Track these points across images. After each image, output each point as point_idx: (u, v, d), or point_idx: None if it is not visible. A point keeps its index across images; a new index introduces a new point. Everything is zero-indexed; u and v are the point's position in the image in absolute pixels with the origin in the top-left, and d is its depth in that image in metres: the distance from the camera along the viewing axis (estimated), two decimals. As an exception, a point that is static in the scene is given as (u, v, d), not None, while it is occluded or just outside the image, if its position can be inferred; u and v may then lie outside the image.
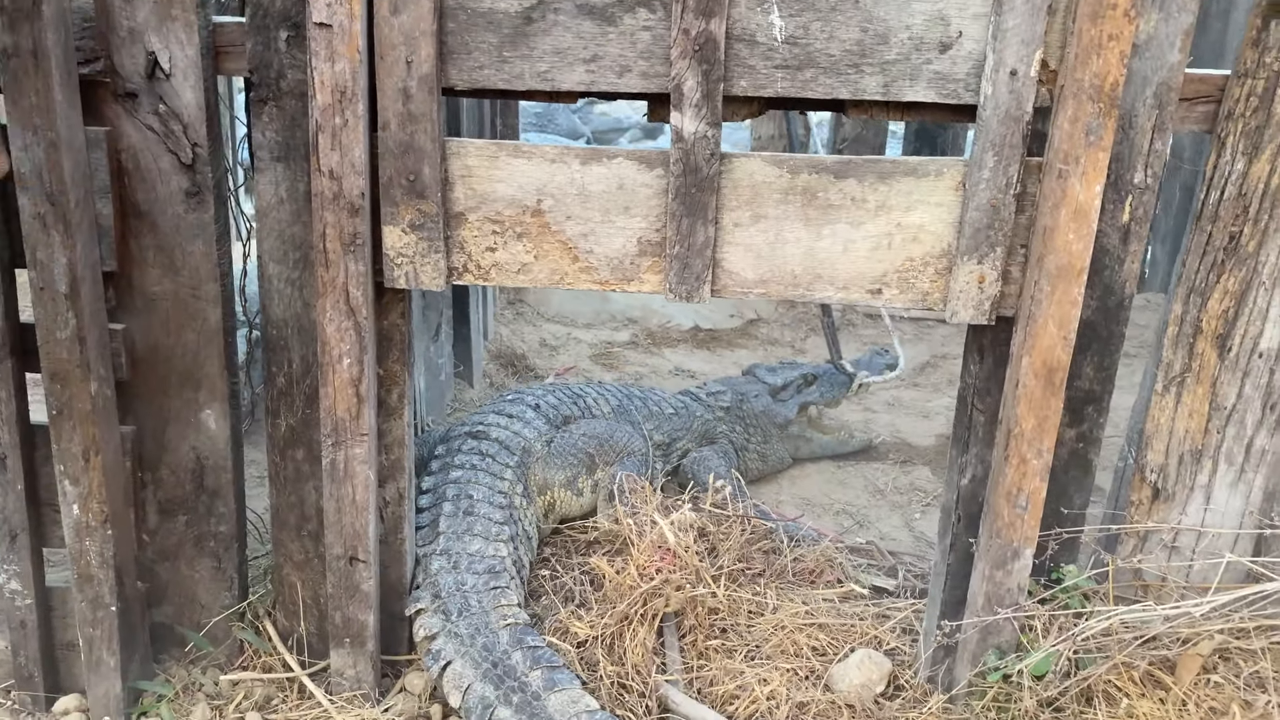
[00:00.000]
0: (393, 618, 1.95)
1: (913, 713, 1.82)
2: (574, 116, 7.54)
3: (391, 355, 1.78)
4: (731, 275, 1.69)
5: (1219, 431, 1.79)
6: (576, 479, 2.44)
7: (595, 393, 2.74)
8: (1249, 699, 1.69)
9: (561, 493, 2.42)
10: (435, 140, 1.59)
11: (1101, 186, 1.53)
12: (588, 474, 2.47)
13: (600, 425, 2.55)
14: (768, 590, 2.15)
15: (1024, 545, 1.71)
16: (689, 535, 2.05)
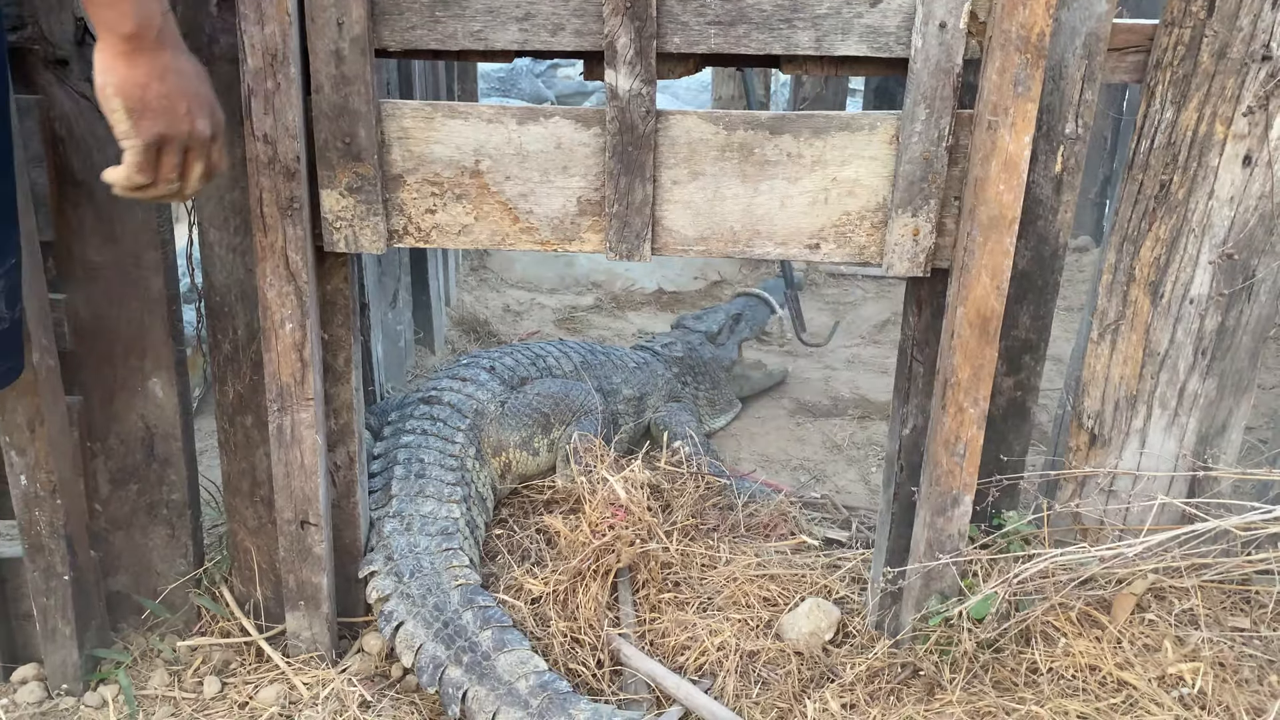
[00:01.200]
0: (349, 581, 1.97)
1: (859, 658, 1.86)
2: (538, 81, 7.48)
3: (336, 320, 1.79)
4: (671, 233, 1.70)
5: (1153, 377, 1.83)
6: (532, 439, 2.46)
7: (558, 351, 2.75)
8: (1181, 635, 1.75)
9: (517, 453, 2.43)
10: (370, 102, 1.59)
11: (1031, 137, 1.55)
12: (543, 433, 2.49)
13: (555, 384, 2.57)
14: (721, 544, 2.19)
15: (963, 492, 1.75)
16: (641, 491, 2.08)
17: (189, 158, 1.22)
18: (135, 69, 1.14)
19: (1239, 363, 1.83)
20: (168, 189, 1.22)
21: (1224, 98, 1.66)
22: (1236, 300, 1.78)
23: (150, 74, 1.14)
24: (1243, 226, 1.73)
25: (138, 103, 1.14)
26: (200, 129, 1.21)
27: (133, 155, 1.17)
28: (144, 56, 1.14)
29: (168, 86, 1.16)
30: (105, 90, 1.13)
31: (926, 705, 1.75)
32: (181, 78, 1.17)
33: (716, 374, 3.18)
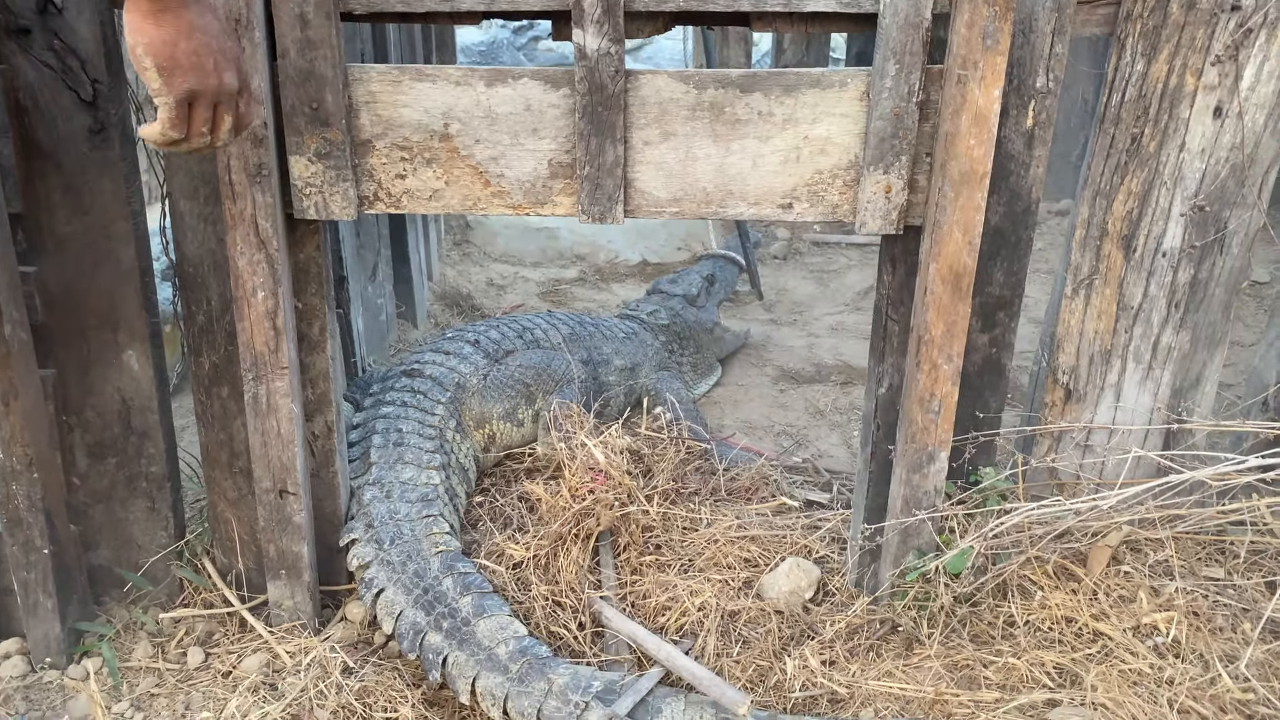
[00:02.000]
0: (330, 550, 1.98)
1: (839, 615, 1.88)
2: (519, 54, 7.43)
3: (310, 289, 1.78)
4: (644, 195, 1.70)
5: (1126, 331, 1.84)
6: (515, 410, 2.46)
7: (545, 323, 2.75)
8: (1156, 586, 1.76)
9: (501, 424, 2.44)
10: (336, 67, 1.58)
11: (1000, 91, 1.55)
12: (527, 405, 2.49)
13: (537, 355, 2.57)
14: (702, 507, 2.19)
15: (938, 449, 1.76)
16: (621, 456, 2.09)
17: (219, 111, 1.25)
18: (163, 28, 1.17)
19: (1212, 315, 1.84)
20: (201, 142, 1.25)
21: (1194, 49, 1.66)
22: (1209, 253, 1.78)
23: (178, 32, 1.18)
24: (1214, 178, 1.73)
25: (168, 60, 1.17)
26: (228, 82, 1.24)
27: (165, 111, 1.20)
28: (169, 15, 1.18)
29: (195, 43, 1.19)
30: (136, 50, 1.16)
31: (905, 660, 1.76)
32: (207, 34, 1.20)
33: (701, 338, 3.21)
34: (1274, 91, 1.68)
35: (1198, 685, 1.61)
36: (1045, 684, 1.67)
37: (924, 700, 1.66)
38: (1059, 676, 1.68)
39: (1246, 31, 1.64)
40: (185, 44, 1.17)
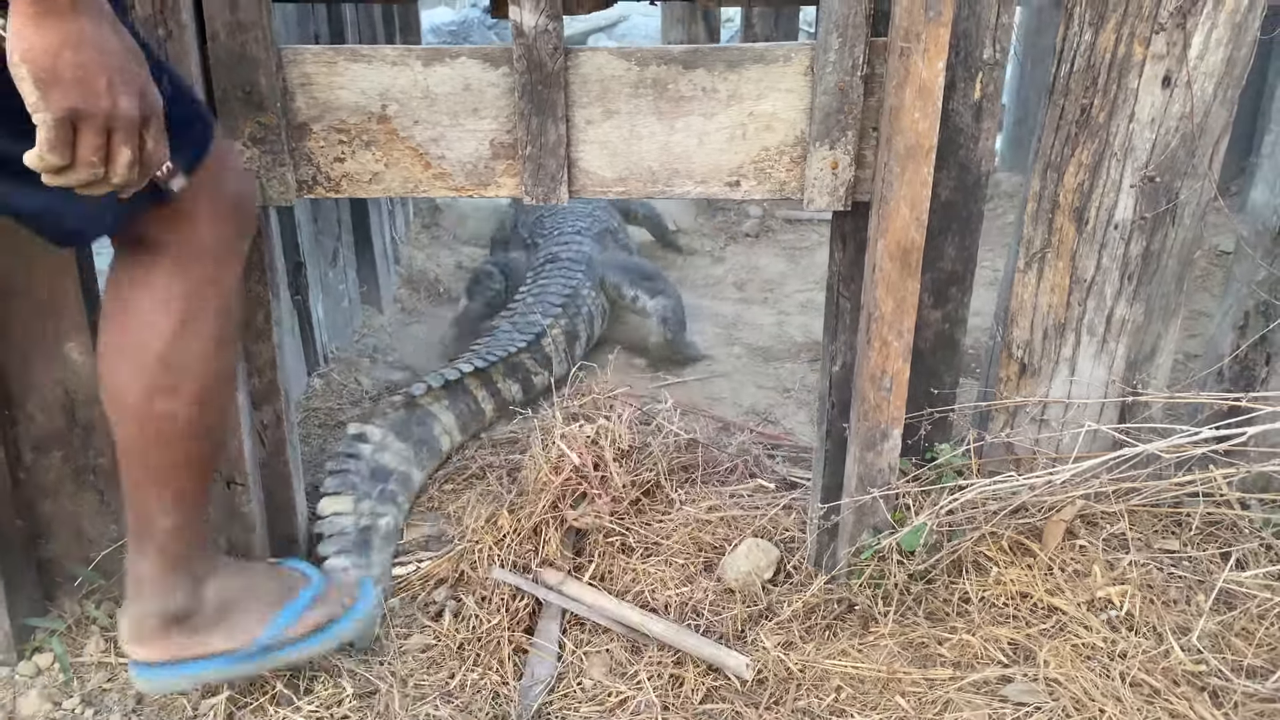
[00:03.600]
0: (285, 540, 1.96)
1: (796, 595, 1.87)
2: (490, 33, 7.36)
3: (253, 277, 1.75)
4: (589, 174, 1.67)
5: (1080, 304, 1.83)
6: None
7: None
8: (1110, 560, 1.76)
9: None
10: (269, 49, 1.55)
11: (944, 63, 1.53)
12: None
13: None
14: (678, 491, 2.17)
15: (891, 426, 1.75)
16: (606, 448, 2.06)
17: (113, 141, 1.11)
18: (44, 34, 1.04)
19: (1165, 286, 1.83)
20: (91, 174, 1.11)
21: (1141, 17, 1.64)
22: (1161, 224, 1.77)
23: (63, 41, 1.04)
24: (1164, 149, 1.72)
25: (47, 72, 1.04)
26: (125, 108, 1.10)
27: (43, 131, 1.07)
28: (54, 20, 1.04)
29: (83, 57, 1.06)
30: (13, 57, 1.04)
31: (861, 638, 1.76)
32: (103, 50, 1.07)
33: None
34: (1223, 60, 1.67)
35: (1150, 658, 1.61)
36: (999, 660, 1.66)
37: (877, 679, 1.65)
38: (1013, 653, 1.68)
39: (1194, -1, 1.63)
40: (70, 55, 1.05)
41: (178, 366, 1.39)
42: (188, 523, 1.54)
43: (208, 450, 1.52)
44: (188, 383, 1.41)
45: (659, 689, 1.70)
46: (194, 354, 1.40)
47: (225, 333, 1.45)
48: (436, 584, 1.97)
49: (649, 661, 1.77)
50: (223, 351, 1.46)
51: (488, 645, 1.80)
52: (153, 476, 1.48)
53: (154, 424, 1.42)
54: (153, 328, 1.38)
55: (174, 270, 1.37)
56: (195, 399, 1.43)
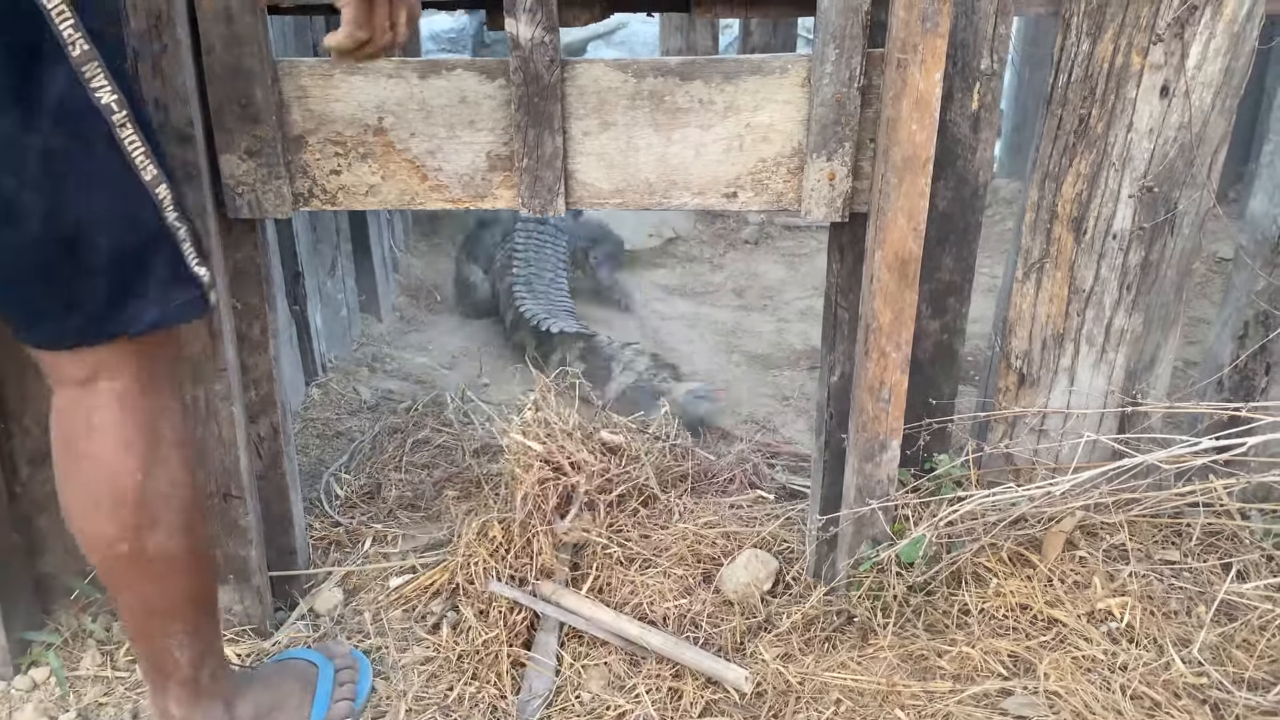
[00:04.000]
0: (282, 552, 1.95)
1: (795, 607, 1.86)
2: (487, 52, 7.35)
3: (249, 289, 1.75)
4: (586, 186, 1.67)
5: (1079, 314, 1.82)
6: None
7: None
8: (1110, 571, 1.75)
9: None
10: (265, 61, 1.54)
11: (941, 74, 1.52)
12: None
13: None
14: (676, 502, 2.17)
15: (890, 437, 1.74)
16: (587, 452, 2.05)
17: (394, 6, 1.24)
18: None
19: (1164, 296, 1.82)
20: (385, 39, 1.24)
21: (1139, 27, 1.64)
22: (1159, 234, 1.77)
23: None
24: (1162, 159, 1.71)
25: None
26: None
27: (350, 10, 1.19)
28: None
29: None
30: None
31: (860, 651, 1.75)
32: None
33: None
34: (1221, 70, 1.66)
35: (1151, 670, 1.60)
36: (999, 673, 1.66)
37: (877, 691, 1.64)
38: (1013, 665, 1.67)
39: (1191, 8, 1.62)
40: None
41: (155, 502, 1.35)
42: (208, 648, 1.50)
43: (208, 572, 1.49)
44: (169, 515, 1.37)
45: (658, 702, 1.69)
46: (167, 484, 1.36)
47: (189, 454, 1.41)
48: (433, 596, 1.96)
49: (647, 674, 1.76)
50: (194, 475, 1.42)
51: (485, 659, 1.79)
52: (162, 617, 1.44)
53: (149, 565, 1.38)
54: (119, 474, 1.33)
55: (125, 409, 1.32)
56: (181, 528, 1.39)
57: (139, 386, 1.33)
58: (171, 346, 1.41)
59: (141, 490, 1.35)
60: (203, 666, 1.51)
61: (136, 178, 1.23)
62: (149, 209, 1.25)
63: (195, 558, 1.44)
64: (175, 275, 1.29)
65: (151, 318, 1.28)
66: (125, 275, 1.25)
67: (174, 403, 1.40)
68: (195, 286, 1.32)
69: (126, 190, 1.23)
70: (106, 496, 1.35)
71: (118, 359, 1.31)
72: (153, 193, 1.24)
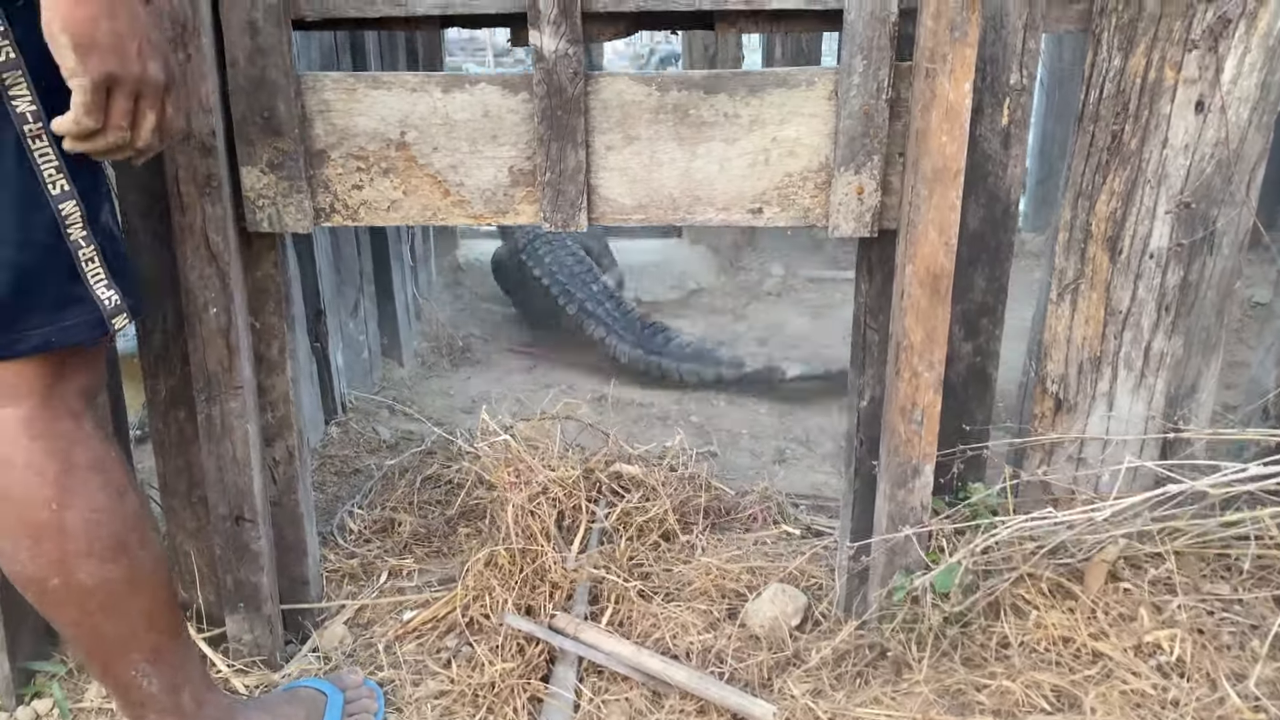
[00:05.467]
0: (295, 582, 1.90)
1: (825, 641, 1.78)
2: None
3: (268, 308, 1.73)
4: (609, 202, 1.64)
5: (1116, 337, 1.77)
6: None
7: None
8: (1157, 603, 1.67)
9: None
10: (288, 74, 1.54)
11: (971, 85, 1.50)
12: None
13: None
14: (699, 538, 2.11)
15: (923, 462, 1.68)
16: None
17: (140, 105, 1.16)
18: (82, 4, 1.09)
19: (1205, 320, 1.76)
20: (119, 137, 1.15)
21: (1172, 41, 1.61)
22: (1198, 253, 1.72)
23: (99, 10, 1.09)
24: (1199, 175, 1.67)
25: (86, 39, 1.09)
26: (153, 73, 1.16)
27: (81, 95, 1.10)
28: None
29: (118, 24, 1.11)
30: (53, 26, 1.08)
31: (894, 686, 1.67)
32: (134, 18, 1.13)
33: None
34: (1257, 84, 1.63)
35: (1204, 706, 1.51)
36: (1042, 708, 1.57)
37: (913, 727, 1.56)
38: (1057, 700, 1.58)
39: (1225, 21, 1.60)
40: (107, 23, 1.09)
41: (79, 531, 1.28)
42: (181, 673, 1.43)
43: (162, 591, 1.40)
44: (98, 542, 1.29)
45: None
46: (89, 511, 1.29)
47: (115, 479, 1.33)
48: (446, 630, 1.89)
49: (670, 711, 1.69)
50: (125, 498, 1.34)
51: (502, 692, 1.72)
52: (118, 647, 1.37)
53: (89, 595, 1.31)
54: (34, 506, 1.26)
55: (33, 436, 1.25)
56: (116, 552, 1.31)
57: (48, 412, 1.26)
58: (85, 370, 1.32)
59: (60, 520, 1.27)
60: (179, 692, 1.43)
61: (40, 190, 1.18)
62: (47, 223, 1.19)
63: (141, 580, 1.35)
64: (70, 295, 1.23)
65: (39, 338, 1.22)
66: (19, 291, 1.19)
67: (90, 427, 1.32)
68: (93, 309, 1.25)
69: (26, 201, 1.18)
70: (24, 531, 1.27)
71: (22, 381, 1.24)
72: (56, 207, 1.20)
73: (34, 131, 1.17)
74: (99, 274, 1.26)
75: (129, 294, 1.30)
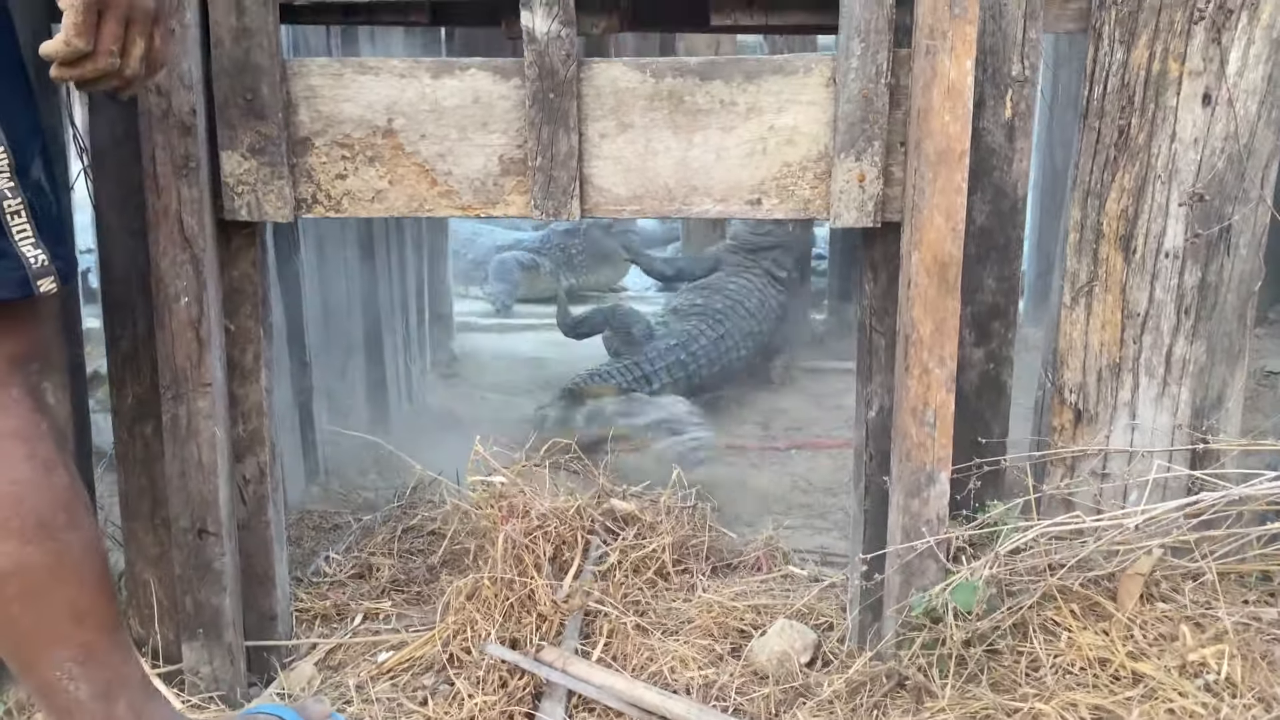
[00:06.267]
0: (262, 617, 1.75)
1: (838, 675, 1.63)
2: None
3: (244, 310, 1.65)
4: (602, 192, 1.59)
5: (1135, 341, 1.68)
6: None
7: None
8: (1198, 620, 1.53)
9: None
10: (274, 57, 1.51)
11: (972, 63, 1.46)
12: None
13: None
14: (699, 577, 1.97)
15: (938, 468, 1.57)
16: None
17: (130, 32, 1.12)
18: None
19: (1227, 325, 1.68)
20: (108, 63, 1.11)
21: (1174, 32, 1.59)
22: (1215, 253, 1.65)
23: None
24: (1210, 169, 1.62)
25: None
26: (145, 1, 1.13)
27: (72, 15, 1.06)
28: None
29: None
30: None
31: (915, 716, 1.51)
32: None
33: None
34: (1263, 77, 1.60)
35: (1262, 724, 1.36)
36: (1081, 731, 1.41)
37: (939, 752, 1.40)
38: (1096, 722, 1.43)
39: (1227, 12, 1.57)
40: None
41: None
42: (115, 678, 1.28)
43: (94, 582, 1.26)
44: (15, 520, 1.18)
45: (680, 772, 1.45)
46: (5, 483, 1.18)
47: (41, 451, 1.22)
48: (424, 669, 1.74)
49: (668, 747, 1.52)
50: (53, 473, 1.22)
51: (483, 728, 1.56)
52: (40, 643, 1.23)
53: (5, 582, 1.19)
54: None
55: None
56: (37, 532, 1.19)
57: None
58: (12, 332, 1.22)
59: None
60: (114, 701, 1.26)
61: None
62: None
63: (67, 566, 1.21)
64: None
65: None
66: None
67: (16, 394, 1.22)
68: (16, 266, 1.17)
69: None
70: None
71: None
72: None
73: None
74: (25, 229, 1.17)
75: (59, 256, 1.20)
